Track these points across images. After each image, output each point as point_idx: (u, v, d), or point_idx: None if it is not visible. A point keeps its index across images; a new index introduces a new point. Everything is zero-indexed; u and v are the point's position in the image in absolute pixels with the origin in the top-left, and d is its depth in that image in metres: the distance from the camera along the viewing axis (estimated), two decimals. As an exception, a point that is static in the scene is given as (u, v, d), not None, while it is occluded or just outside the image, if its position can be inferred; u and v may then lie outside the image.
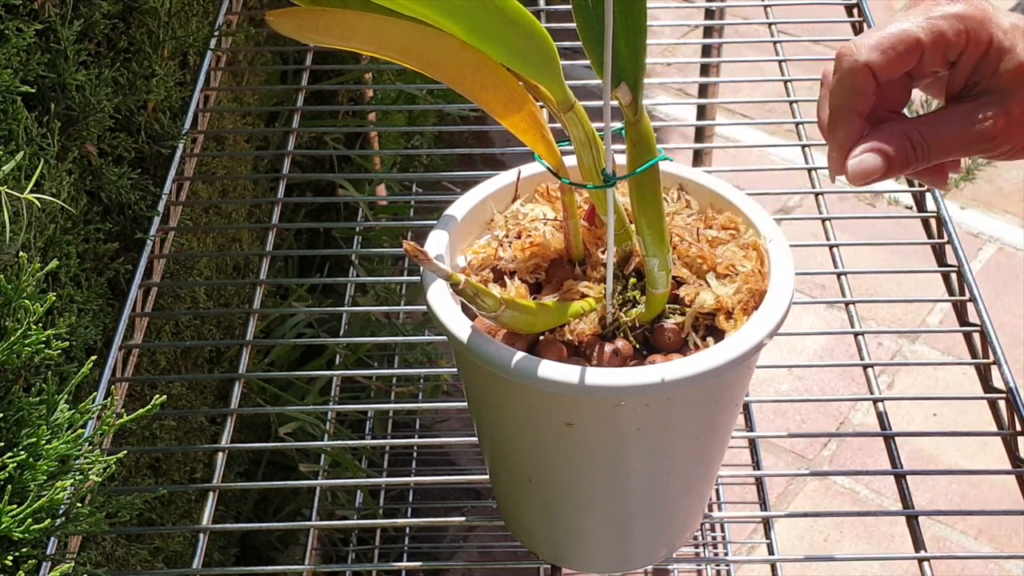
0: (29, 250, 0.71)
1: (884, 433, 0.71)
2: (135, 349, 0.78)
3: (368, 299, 1.49)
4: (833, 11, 1.07)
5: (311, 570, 0.94)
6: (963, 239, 1.60)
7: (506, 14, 0.47)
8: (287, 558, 1.36)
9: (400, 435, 1.61)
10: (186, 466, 1.09)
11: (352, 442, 1.43)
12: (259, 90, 1.20)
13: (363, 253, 1.12)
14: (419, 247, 0.47)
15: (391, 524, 1.45)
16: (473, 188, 0.61)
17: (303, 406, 1.23)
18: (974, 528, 1.68)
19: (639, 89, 0.50)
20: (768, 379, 1.79)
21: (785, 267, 0.56)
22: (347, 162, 1.58)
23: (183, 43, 0.93)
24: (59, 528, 0.58)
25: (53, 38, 0.75)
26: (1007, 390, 0.72)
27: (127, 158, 0.87)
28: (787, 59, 1.01)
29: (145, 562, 0.96)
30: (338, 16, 0.49)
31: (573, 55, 0.68)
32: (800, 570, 1.48)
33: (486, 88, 0.51)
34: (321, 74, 1.34)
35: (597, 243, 0.57)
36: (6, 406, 0.57)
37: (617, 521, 0.60)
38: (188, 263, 1.02)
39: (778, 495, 1.73)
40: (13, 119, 0.68)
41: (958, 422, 1.76)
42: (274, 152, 1.03)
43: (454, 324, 0.53)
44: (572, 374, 0.50)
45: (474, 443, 0.64)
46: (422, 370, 0.91)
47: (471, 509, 1.57)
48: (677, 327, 0.54)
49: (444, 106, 1.30)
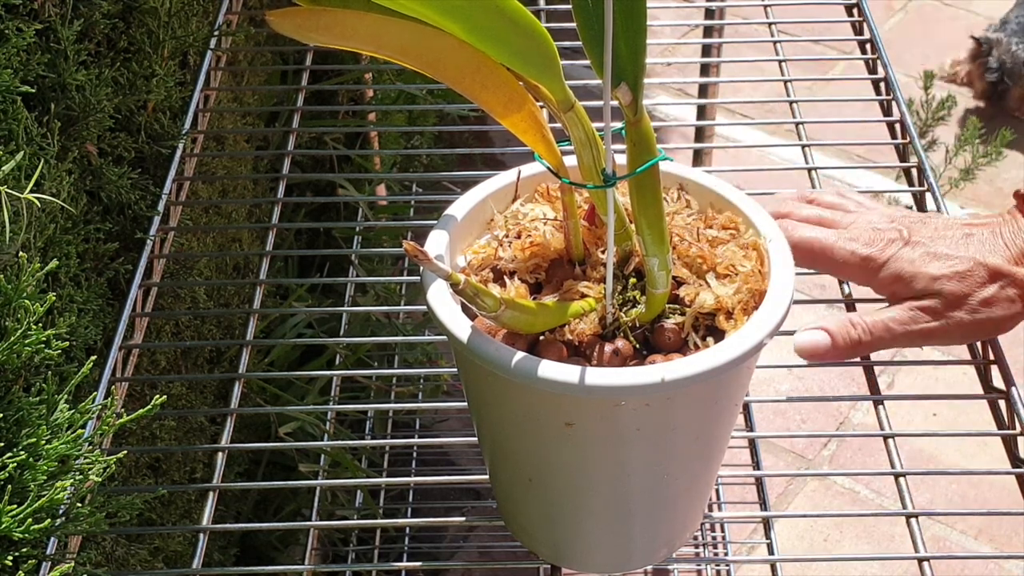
0: (29, 250, 0.71)
1: (884, 433, 0.71)
2: (135, 349, 0.78)
3: (368, 299, 1.49)
4: (833, 11, 1.07)
5: (311, 570, 0.94)
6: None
7: (506, 14, 0.47)
8: (287, 558, 1.36)
9: (400, 435, 1.61)
10: (186, 466, 1.09)
11: (352, 442, 1.43)
12: (259, 90, 1.20)
13: (363, 253, 1.12)
14: (419, 247, 0.47)
15: (391, 524, 1.45)
16: (473, 188, 0.61)
17: (303, 406, 1.23)
18: (974, 528, 1.68)
19: (639, 89, 0.50)
20: (768, 379, 1.79)
21: (785, 267, 0.55)
22: (347, 162, 1.58)
23: (183, 43, 0.93)
24: (59, 528, 0.58)
25: (53, 38, 0.75)
26: (1007, 390, 0.72)
27: (127, 158, 0.87)
28: (787, 59, 1.01)
29: (145, 562, 0.96)
30: (338, 16, 0.49)
31: (573, 55, 0.68)
32: (800, 570, 1.48)
33: (486, 88, 0.51)
34: (321, 74, 1.34)
35: (597, 243, 0.57)
36: (6, 406, 0.57)
37: (617, 521, 0.60)
38: (188, 263, 1.02)
39: (778, 495, 1.73)
40: (13, 119, 0.68)
41: (958, 422, 1.76)
42: (274, 152, 1.03)
43: (454, 324, 0.53)
44: (572, 374, 0.50)
45: (474, 443, 0.64)
46: (422, 370, 0.91)
47: (471, 509, 1.57)
48: (677, 327, 0.54)
49: (444, 106, 1.30)
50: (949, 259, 0.69)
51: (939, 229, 0.71)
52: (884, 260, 0.70)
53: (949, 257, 0.69)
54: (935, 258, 0.69)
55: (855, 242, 0.71)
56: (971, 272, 0.68)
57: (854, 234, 0.71)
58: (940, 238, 0.70)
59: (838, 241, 0.71)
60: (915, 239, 0.70)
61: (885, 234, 0.71)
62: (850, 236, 0.71)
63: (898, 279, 0.69)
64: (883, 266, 0.70)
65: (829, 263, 0.71)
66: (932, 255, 0.69)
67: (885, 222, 0.72)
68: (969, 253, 0.69)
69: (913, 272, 0.69)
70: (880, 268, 0.70)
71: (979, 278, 0.68)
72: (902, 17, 2.68)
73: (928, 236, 0.70)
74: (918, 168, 0.90)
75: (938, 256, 0.69)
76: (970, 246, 0.69)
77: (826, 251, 0.71)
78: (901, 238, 0.70)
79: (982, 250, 0.69)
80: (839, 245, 0.71)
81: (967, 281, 0.68)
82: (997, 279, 0.68)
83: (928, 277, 0.68)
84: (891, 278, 0.70)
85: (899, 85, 0.96)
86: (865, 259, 0.70)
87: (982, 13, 2.64)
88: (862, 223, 0.72)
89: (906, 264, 0.69)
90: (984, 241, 0.69)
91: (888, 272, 0.70)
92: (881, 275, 0.70)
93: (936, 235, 0.70)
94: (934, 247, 0.69)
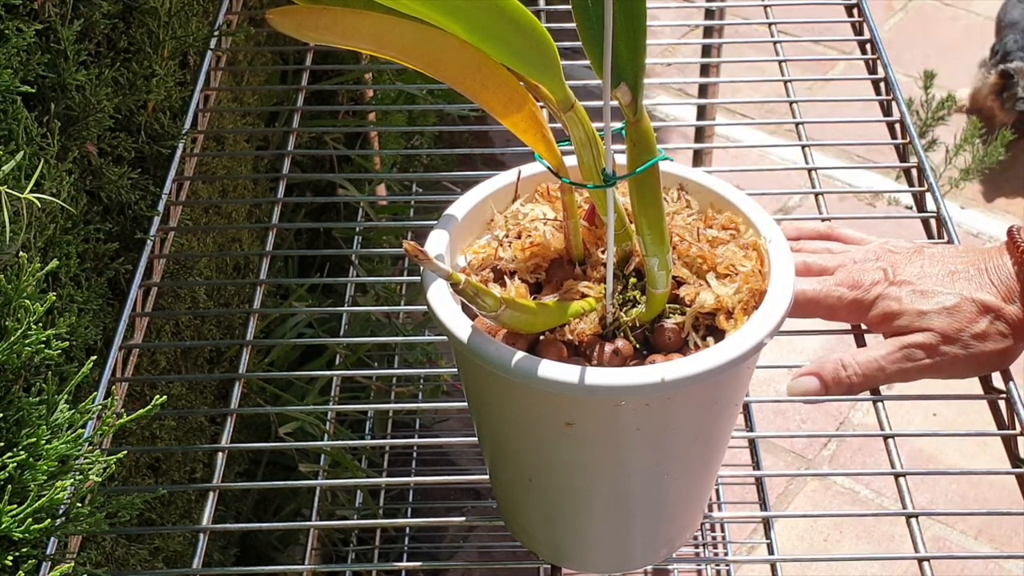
0: (29, 250, 0.71)
1: (884, 433, 0.71)
2: (135, 349, 0.78)
3: (368, 299, 1.49)
4: (833, 11, 1.07)
5: (311, 570, 0.94)
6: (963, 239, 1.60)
7: (506, 14, 0.47)
8: (287, 558, 1.36)
9: (400, 435, 1.61)
10: (186, 466, 1.09)
11: (352, 442, 1.43)
12: (259, 90, 1.20)
13: (363, 253, 1.12)
14: (419, 247, 0.47)
15: (391, 524, 1.45)
16: (473, 188, 0.61)
17: (303, 406, 1.23)
18: (974, 528, 1.68)
19: (639, 89, 0.50)
20: (768, 379, 1.79)
21: (785, 267, 0.56)
22: (347, 162, 1.58)
23: (183, 43, 0.93)
24: (59, 528, 0.58)
25: (53, 38, 0.75)
26: (1007, 390, 0.72)
27: (127, 158, 0.87)
28: (787, 59, 1.01)
29: (145, 562, 0.96)
30: (339, 15, 0.49)
31: (573, 55, 0.68)
32: (800, 570, 1.48)
33: (486, 88, 0.51)
34: (321, 74, 1.34)
35: (597, 243, 0.57)
36: (6, 406, 0.57)
37: (617, 521, 0.60)
38: (188, 263, 1.02)
39: (778, 495, 1.73)
40: (13, 119, 0.68)
41: (958, 422, 1.76)
42: (274, 152, 1.03)
43: (454, 324, 0.53)
44: (572, 374, 0.50)
45: (474, 443, 0.64)
46: (422, 370, 0.91)
47: (471, 509, 1.57)
48: (677, 327, 0.54)
49: (444, 106, 1.30)
50: (937, 295, 0.70)
51: (924, 267, 0.72)
52: (871, 300, 0.71)
53: (937, 294, 0.70)
54: (922, 296, 0.70)
55: (841, 287, 0.72)
56: (959, 307, 0.69)
57: (840, 278, 0.73)
58: (926, 276, 0.71)
59: (824, 289, 0.72)
60: (900, 278, 0.71)
61: (870, 275, 0.72)
62: (836, 282, 0.72)
63: (887, 317, 0.71)
64: (871, 306, 0.71)
65: (819, 311, 0.73)
66: (919, 293, 0.70)
67: (871, 261, 0.73)
68: (956, 290, 0.70)
69: (900, 309, 0.70)
70: (869, 308, 0.71)
71: (969, 313, 0.69)
72: (902, 17, 2.68)
73: (914, 274, 0.71)
74: (918, 168, 0.90)
75: (925, 294, 0.70)
76: (956, 283, 0.70)
77: (814, 302, 0.72)
78: (886, 278, 0.71)
79: (969, 287, 0.70)
80: (825, 293, 0.72)
81: (957, 316, 0.69)
82: (987, 313, 0.69)
83: (916, 313, 0.70)
84: (880, 317, 0.71)
85: (899, 85, 0.96)
86: (852, 302, 0.72)
87: (982, 13, 2.64)
88: (848, 264, 0.73)
89: (893, 303, 0.71)
90: (971, 279, 0.70)
91: (877, 311, 0.71)
92: (870, 315, 0.72)
93: (922, 273, 0.71)
94: (921, 285, 0.71)
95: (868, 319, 0.72)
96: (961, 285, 0.70)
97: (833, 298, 0.72)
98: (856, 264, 0.73)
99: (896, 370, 0.70)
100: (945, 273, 0.71)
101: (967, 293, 0.69)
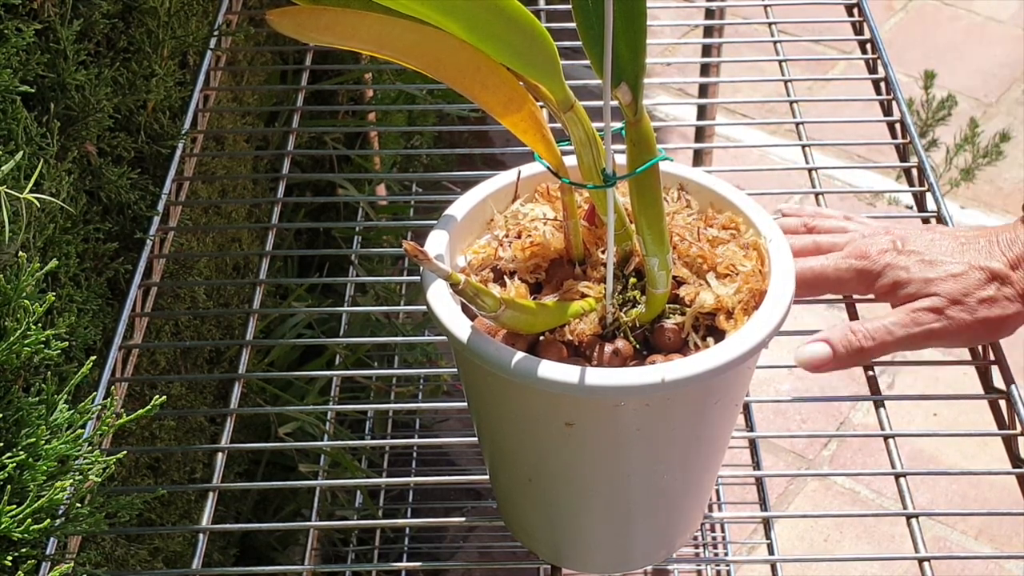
0: (29, 250, 0.71)
1: (884, 433, 0.71)
2: (135, 349, 0.78)
3: (368, 299, 1.49)
4: (833, 11, 1.07)
5: (311, 570, 0.94)
6: (963, 239, 1.59)
7: (506, 14, 0.47)
8: (287, 558, 1.36)
9: (400, 435, 1.61)
10: (186, 466, 1.09)
11: (352, 442, 1.43)
12: (259, 90, 1.20)
13: (363, 253, 1.12)
14: (419, 247, 0.47)
15: (391, 524, 1.45)
16: (473, 188, 0.61)
17: (303, 406, 1.23)
18: (974, 528, 1.68)
19: (639, 89, 0.50)
20: (768, 379, 1.79)
21: (785, 267, 0.55)
22: (347, 162, 1.58)
23: (183, 43, 0.93)
24: (59, 528, 0.58)
25: (53, 38, 0.75)
26: (1007, 390, 0.72)
27: (127, 158, 0.87)
28: (787, 59, 1.01)
29: (145, 562, 0.96)
30: (339, 15, 0.48)
31: (573, 55, 0.68)
32: (800, 570, 1.48)
33: (486, 88, 0.51)
34: (321, 74, 1.34)
35: (597, 243, 0.57)
36: (6, 406, 0.57)
37: (617, 521, 0.60)
38: (188, 263, 1.02)
39: (778, 495, 1.73)
40: (13, 119, 0.68)
41: (958, 422, 1.76)
42: (274, 152, 1.03)
43: (454, 324, 0.53)
44: (572, 374, 0.50)
45: (474, 443, 0.64)
46: (422, 370, 0.91)
47: (471, 509, 1.57)
48: (677, 327, 0.54)
49: (444, 106, 1.30)
50: (944, 264, 0.70)
51: (934, 240, 0.72)
52: (879, 269, 0.71)
53: (945, 262, 0.70)
54: (930, 264, 0.70)
55: (849, 258, 0.72)
56: (967, 274, 0.69)
57: (848, 251, 0.73)
58: (935, 246, 0.71)
59: (832, 263, 0.72)
60: (908, 248, 0.71)
61: (878, 245, 0.72)
62: (844, 255, 0.73)
63: (895, 285, 0.71)
64: (879, 275, 0.71)
65: (828, 284, 0.73)
66: (927, 262, 0.70)
67: (880, 234, 0.73)
68: (965, 259, 0.70)
69: (908, 277, 0.70)
70: (877, 277, 0.71)
71: (977, 279, 0.69)
72: (902, 17, 2.68)
73: (923, 245, 0.72)
74: (918, 168, 0.90)
75: (933, 262, 0.70)
76: (966, 253, 0.71)
77: (821, 276, 0.72)
78: (894, 248, 0.72)
79: (978, 256, 0.70)
80: (834, 265, 0.72)
81: (964, 281, 0.69)
82: (995, 280, 0.69)
83: (923, 280, 0.70)
84: (888, 285, 0.71)
85: (899, 85, 0.96)
86: (860, 271, 0.72)
87: (982, 13, 2.64)
88: (857, 239, 0.74)
89: (901, 271, 0.71)
90: (980, 249, 0.71)
91: (885, 280, 0.71)
92: (878, 284, 0.72)
93: (931, 244, 0.72)
94: (929, 255, 0.71)
95: (876, 288, 0.72)
96: (970, 255, 0.70)
97: (841, 269, 0.72)
98: (865, 238, 0.73)
99: (904, 335, 0.70)
100: (955, 245, 0.71)
101: (975, 261, 0.70)
